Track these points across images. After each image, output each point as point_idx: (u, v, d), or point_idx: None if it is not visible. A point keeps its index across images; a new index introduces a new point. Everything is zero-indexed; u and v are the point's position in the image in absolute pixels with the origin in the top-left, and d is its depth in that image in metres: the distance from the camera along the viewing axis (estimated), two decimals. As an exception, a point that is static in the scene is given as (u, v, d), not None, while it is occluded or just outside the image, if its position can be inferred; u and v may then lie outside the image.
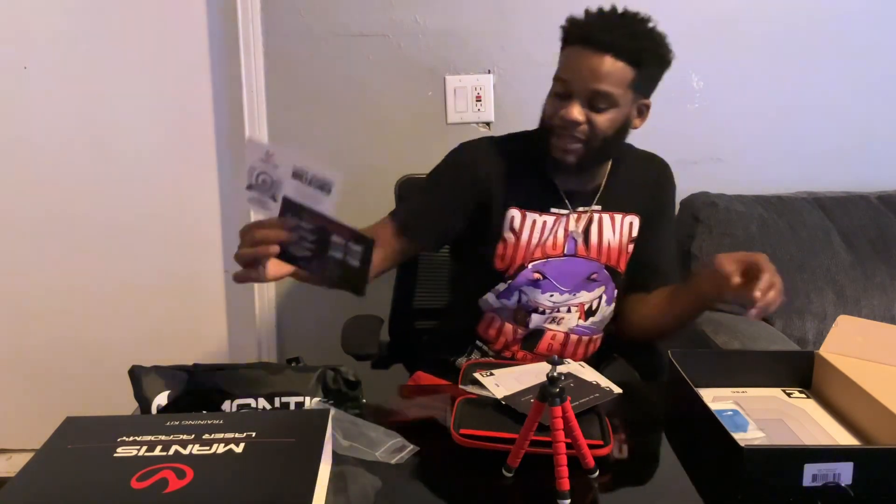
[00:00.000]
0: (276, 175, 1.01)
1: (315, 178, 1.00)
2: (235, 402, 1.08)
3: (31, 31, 2.01)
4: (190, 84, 2.06)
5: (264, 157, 1.01)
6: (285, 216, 1.01)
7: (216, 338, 2.22)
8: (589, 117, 1.29)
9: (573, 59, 1.29)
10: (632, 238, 1.45)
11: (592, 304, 1.44)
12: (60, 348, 2.21)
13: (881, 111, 2.16)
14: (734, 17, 2.06)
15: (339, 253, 1.00)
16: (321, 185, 1.00)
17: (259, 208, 1.03)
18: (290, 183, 1.01)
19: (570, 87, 1.29)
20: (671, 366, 1.08)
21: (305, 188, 1.00)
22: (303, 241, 1.02)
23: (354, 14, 2.01)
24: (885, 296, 1.88)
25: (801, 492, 0.85)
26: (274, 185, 1.01)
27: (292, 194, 1.01)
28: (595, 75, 1.26)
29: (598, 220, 1.42)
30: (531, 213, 1.38)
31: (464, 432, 1.07)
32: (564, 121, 1.29)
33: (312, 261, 1.02)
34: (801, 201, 2.00)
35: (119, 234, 2.14)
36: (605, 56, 1.26)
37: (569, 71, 1.30)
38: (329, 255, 1.01)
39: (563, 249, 1.40)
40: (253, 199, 1.03)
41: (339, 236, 1.00)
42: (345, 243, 1.00)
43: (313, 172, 1.00)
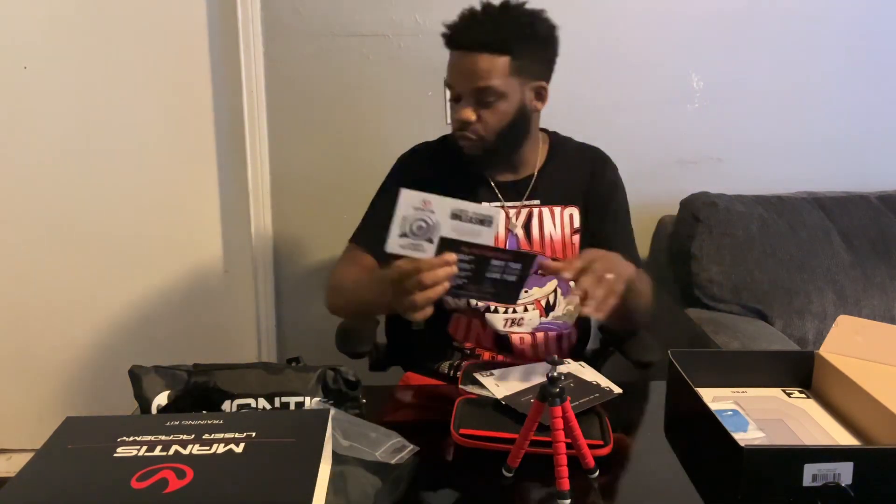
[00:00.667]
0: (434, 219, 1.13)
1: (476, 214, 1.14)
2: (235, 402, 1.07)
3: (31, 31, 2.01)
4: (190, 84, 2.06)
5: (420, 205, 1.13)
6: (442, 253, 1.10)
7: (216, 338, 2.22)
8: (479, 114, 1.35)
9: (452, 64, 1.36)
10: (574, 230, 1.47)
11: (549, 298, 1.46)
12: (60, 349, 2.21)
13: (881, 111, 2.16)
14: (734, 17, 2.06)
15: (498, 273, 1.12)
16: (481, 220, 1.14)
17: (413, 252, 1.13)
18: (447, 223, 1.13)
19: (457, 91, 1.37)
20: (671, 366, 1.08)
21: (465, 226, 1.13)
22: (462, 271, 1.11)
23: (354, 14, 2.01)
24: (885, 296, 1.88)
25: (801, 492, 0.85)
26: (431, 229, 1.13)
27: (450, 233, 1.12)
28: (472, 75, 1.33)
29: (538, 214, 1.46)
30: None
31: (464, 432, 1.07)
32: (459, 123, 1.37)
33: (468, 287, 1.14)
34: (801, 201, 2.00)
35: (119, 233, 2.14)
36: (475, 55, 1.32)
37: (452, 76, 1.37)
38: (487, 277, 1.12)
39: (506, 244, 1.44)
40: (408, 245, 1.13)
41: (498, 260, 1.11)
42: (504, 264, 1.11)
43: (473, 210, 1.13)
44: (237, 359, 1.43)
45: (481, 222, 1.13)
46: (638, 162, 2.12)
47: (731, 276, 1.86)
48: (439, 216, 1.12)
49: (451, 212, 1.13)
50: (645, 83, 2.08)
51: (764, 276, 1.86)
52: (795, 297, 1.85)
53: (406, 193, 1.14)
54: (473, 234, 1.13)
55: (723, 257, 1.86)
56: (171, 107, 2.07)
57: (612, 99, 2.09)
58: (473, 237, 1.12)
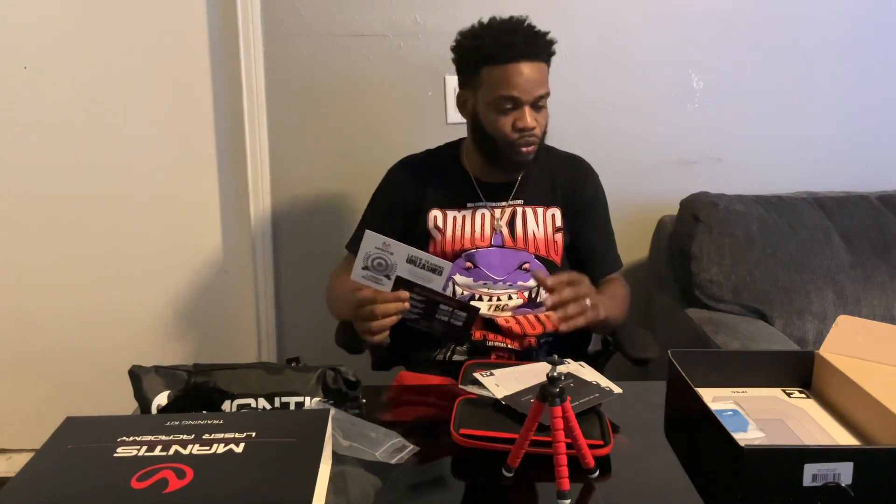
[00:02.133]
0: (392, 260, 1.28)
1: (429, 263, 1.28)
2: (235, 402, 1.08)
3: (31, 31, 2.01)
4: (190, 84, 2.06)
5: (381, 246, 1.28)
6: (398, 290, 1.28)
7: (216, 338, 2.22)
8: (536, 119, 1.47)
9: (512, 76, 1.43)
10: (556, 228, 1.58)
11: (532, 292, 1.56)
12: (60, 348, 2.21)
13: (881, 111, 2.16)
14: (734, 17, 2.06)
15: (446, 317, 1.31)
16: (433, 269, 1.28)
17: (373, 284, 1.30)
18: (403, 266, 1.28)
19: (520, 101, 1.44)
20: (671, 366, 1.08)
21: (419, 271, 1.28)
22: (413, 308, 1.30)
23: (354, 14, 2.01)
24: (885, 296, 1.88)
25: (801, 492, 0.85)
26: (389, 268, 1.28)
27: (406, 275, 1.28)
28: (537, 83, 1.44)
29: (522, 213, 1.57)
30: (451, 211, 1.56)
31: (464, 432, 1.07)
32: (525, 130, 1.45)
33: (420, 322, 1.32)
34: (801, 201, 2.00)
35: (119, 234, 2.14)
36: (536, 63, 1.44)
37: (513, 87, 1.43)
38: (436, 318, 1.32)
39: (491, 241, 1.55)
40: (368, 277, 1.29)
41: (446, 306, 1.30)
42: (451, 311, 1.31)
43: (426, 259, 1.28)
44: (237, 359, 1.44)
45: (433, 270, 1.28)
46: (638, 162, 2.13)
47: (731, 276, 1.86)
48: (397, 258, 1.28)
49: (408, 256, 1.28)
50: (645, 83, 2.08)
51: (764, 276, 1.86)
52: (795, 297, 1.85)
53: (368, 235, 1.28)
54: (426, 279, 1.29)
55: (723, 257, 1.86)
56: (171, 107, 2.07)
57: (612, 99, 2.09)
58: (425, 282, 1.29)
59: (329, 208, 2.12)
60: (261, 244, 2.13)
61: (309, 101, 2.06)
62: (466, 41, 1.49)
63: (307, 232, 2.15)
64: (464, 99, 1.53)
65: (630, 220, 2.14)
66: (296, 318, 2.21)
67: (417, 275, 1.28)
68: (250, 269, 2.15)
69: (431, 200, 1.57)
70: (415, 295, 1.29)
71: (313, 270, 2.10)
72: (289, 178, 2.12)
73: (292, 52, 2.03)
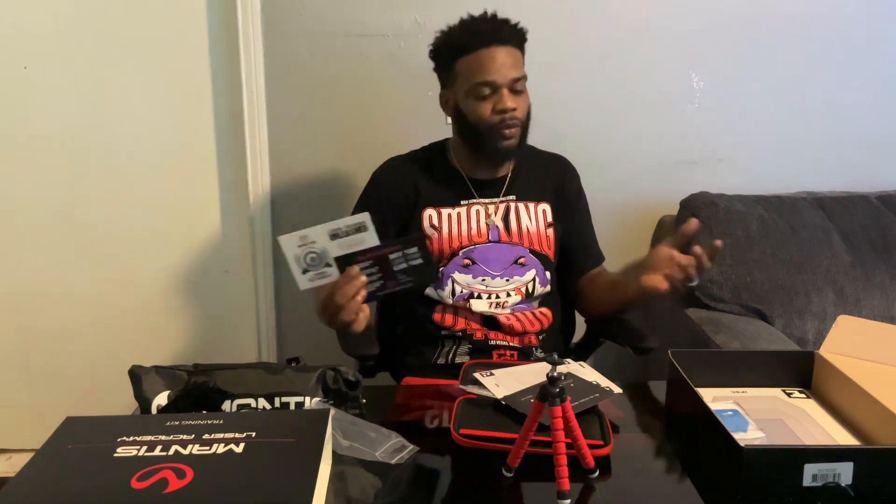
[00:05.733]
0: (319, 248, 1.21)
1: (349, 225, 1.21)
2: (235, 402, 1.07)
3: (31, 31, 2.01)
4: (190, 84, 2.06)
5: (301, 242, 1.21)
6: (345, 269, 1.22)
7: (216, 338, 2.22)
8: (516, 101, 1.48)
9: (486, 61, 1.46)
10: (548, 223, 1.60)
11: (528, 286, 1.57)
12: (60, 348, 2.21)
13: (881, 111, 2.16)
14: (734, 17, 2.06)
15: (403, 263, 1.23)
16: (358, 228, 1.21)
17: (322, 280, 1.23)
18: (331, 245, 1.21)
19: (497, 84, 1.46)
20: (671, 366, 1.08)
21: (347, 239, 1.21)
22: (370, 276, 1.23)
23: (354, 14, 2.01)
24: (885, 296, 1.88)
25: (801, 492, 0.85)
26: (322, 256, 1.22)
27: (340, 251, 1.21)
28: (511, 65, 1.47)
29: (515, 208, 1.59)
30: (444, 209, 1.57)
31: (464, 432, 1.07)
32: (504, 112, 1.46)
33: (386, 285, 1.25)
34: (801, 201, 2.00)
35: (119, 233, 2.14)
36: (509, 48, 1.47)
37: (488, 71, 1.46)
38: (395, 271, 1.23)
39: (488, 237, 1.56)
40: (314, 277, 1.23)
41: (394, 253, 1.22)
42: (401, 253, 1.22)
43: (345, 224, 1.20)
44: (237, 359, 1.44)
45: (358, 230, 1.21)
46: (638, 162, 2.13)
47: (731, 276, 1.86)
48: (322, 243, 1.21)
49: (329, 233, 1.21)
50: (645, 83, 2.08)
51: (764, 276, 1.86)
52: (795, 297, 1.85)
53: (283, 239, 1.22)
54: (357, 242, 1.22)
55: (723, 257, 1.86)
56: (171, 107, 2.07)
57: (612, 99, 2.09)
58: (359, 245, 1.21)
59: (329, 208, 2.11)
60: (261, 244, 2.13)
61: (309, 101, 2.06)
62: (439, 40, 1.54)
63: (307, 232, 2.14)
64: (445, 99, 1.56)
65: (630, 220, 2.14)
66: (296, 318, 2.21)
67: (349, 243, 1.22)
68: (250, 269, 2.15)
69: (424, 199, 1.57)
70: (362, 264, 1.23)
71: (313, 270, 2.10)
72: (289, 178, 2.12)
73: (292, 52, 2.03)
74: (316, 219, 2.10)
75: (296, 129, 2.08)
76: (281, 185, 2.12)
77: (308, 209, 2.13)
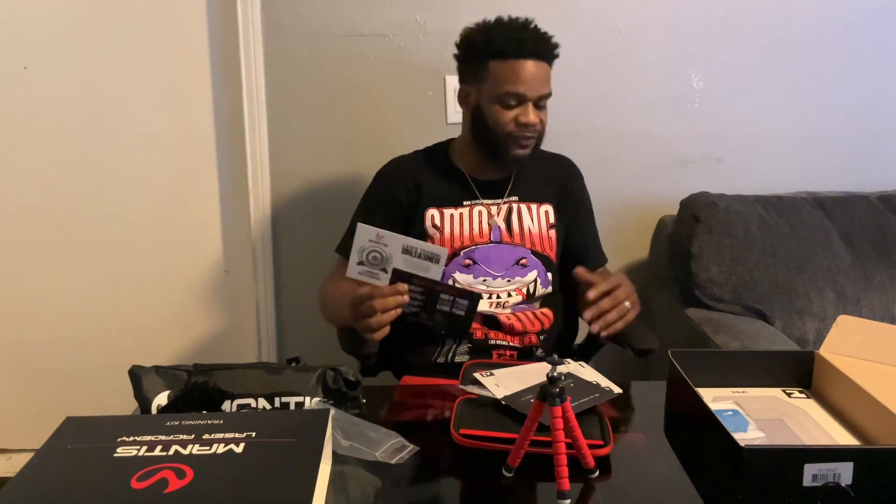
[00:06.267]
0: (387, 252, 1.26)
1: (425, 251, 1.27)
2: (235, 402, 1.08)
3: (31, 31, 2.01)
4: (190, 84, 2.06)
5: (374, 239, 1.26)
6: (396, 283, 1.26)
7: (216, 338, 2.22)
8: (539, 116, 1.49)
9: (518, 71, 1.46)
10: (550, 224, 1.61)
11: (529, 287, 1.58)
12: (60, 348, 2.21)
13: (881, 111, 2.16)
14: (734, 17, 2.06)
15: (447, 307, 1.28)
16: (430, 257, 1.26)
17: (369, 279, 1.28)
18: (399, 257, 1.26)
19: (526, 97, 1.47)
20: (671, 366, 1.08)
21: (415, 261, 1.26)
22: (413, 301, 1.28)
23: (354, 14, 2.01)
24: (885, 296, 1.88)
25: (801, 492, 0.85)
26: (384, 260, 1.26)
27: (402, 266, 1.26)
28: (542, 81, 1.48)
29: (517, 209, 1.60)
30: (447, 209, 1.57)
31: (464, 432, 1.07)
32: (526, 126, 1.48)
33: (420, 315, 1.29)
34: (801, 201, 2.00)
35: (119, 233, 2.14)
36: (541, 62, 1.47)
37: (518, 83, 1.46)
38: (438, 309, 1.28)
39: (490, 237, 1.57)
40: (364, 273, 1.27)
41: (447, 294, 1.28)
42: (452, 299, 1.28)
43: (422, 248, 1.27)
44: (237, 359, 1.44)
45: (429, 259, 1.26)
46: (638, 162, 2.13)
47: (731, 276, 1.86)
48: (392, 250, 1.26)
49: (403, 247, 1.26)
50: (645, 83, 2.08)
51: (764, 276, 1.86)
52: (795, 297, 1.85)
53: (361, 228, 1.27)
54: (423, 269, 1.26)
55: (723, 257, 1.86)
56: (171, 107, 2.07)
57: (612, 99, 2.09)
58: (423, 272, 1.26)
59: (329, 208, 2.11)
60: (261, 244, 2.13)
61: (309, 101, 2.06)
62: (474, 35, 1.51)
63: (307, 232, 2.15)
64: (466, 93, 1.55)
65: (630, 220, 2.14)
66: (296, 318, 2.21)
67: (414, 265, 1.26)
68: (250, 270, 2.15)
69: (427, 199, 1.58)
70: (413, 286, 1.27)
71: (313, 270, 2.10)
72: (289, 178, 2.12)
73: (292, 52, 2.03)
74: (316, 219, 2.12)
75: (296, 129, 2.08)
76: (281, 185, 2.12)
77: (308, 209, 2.13)
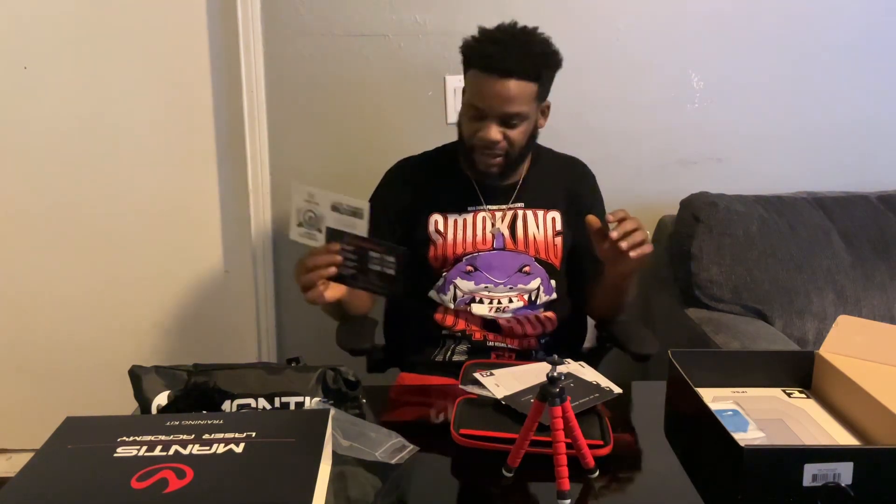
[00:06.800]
0: (319, 211, 1.24)
1: (349, 207, 1.23)
2: (235, 402, 1.08)
3: (31, 31, 2.01)
4: (190, 84, 2.05)
5: (308, 198, 1.24)
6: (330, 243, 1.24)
7: (216, 338, 2.22)
8: (505, 134, 1.43)
9: (482, 86, 1.40)
10: (556, 232, 1.58)
11: (532, 294, 1.56)
12: (60, 348, 2.21)
13: (881, 111, 2.16)
14: (734, 17, 2.05)
15: (377, 266, 1.24)
16: (354, 213, 1.23)
17: (308, 241, 1.26)
18: (330, 215, 1.24)
19: (484, 112, 1.41)
20: (671, 366, 1.08)
21: (343, 217, 1.23)
22: (347, 261, 1.25)
23: (354, 14, 2.01)
24: (885, 296, 1.88)
25: (801, 492, 0.85)
26: (318, 219, 1.24)
27: (333, 224, 1.24)
28: (505, 100, 1.39)
29: (523, 216, 1.57)
30: (451, 215, 1.55)
31: (464, 432, 1.07)
32: (484, 142, 1.43)
33: (357, 277, 1.26)
34: (801, 201, 2.00)
35: (119, 233, 2.14)
36: (509, 80, 1.38)
37: (479, 98, 1.41)
38: (369, 268, 1.25)
39: (493, 244, 1.55)
40: (304, 234, 1.26)
41: (375, 252, 1.24)
42: (380, 256, 1.24)
43: (347, 203, 1.23)
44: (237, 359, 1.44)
45: (353, 214, 1.24)
46: (638, 162, 2.13)
47: (731, 276, 1.86)
48: (323, 208, 1.24)
49: (331, 204, 1.24)
50: (645, 83, 2.08)
51: (764, 276, 1.86)
52: (795, 297, 1.85)
53: (295, 186, 1.25)
54: (350, 225, 1.24)
55: (723, 257, 1.86)
56: (172, 107, 2.07)
57: (612, 99, 2.09)
58: (351, 228, 1.24)
59: (329, 208, 2.12)
60: (261, 244, 2.13)
61: (309, 101, 2.06)
62: (468, 40, 1.49)
63: (307, 232, 2.14)
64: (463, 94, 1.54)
65: (630, 220, 2.13)
66: (296, 318, 2.21)
67: (342, 222, 1.24)
68: (250, 270, 2.15)
69: (432, 204, 1.57)
70: (345, 245, 1.24)
71: (313, 270, 2.10)
72: (289, 178, 2.11)
73: (292, 52, 2.03)
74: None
75: (296, 128, 2.08)
76: (281, 185, 2.12)
77: (308, 209, 2.13)
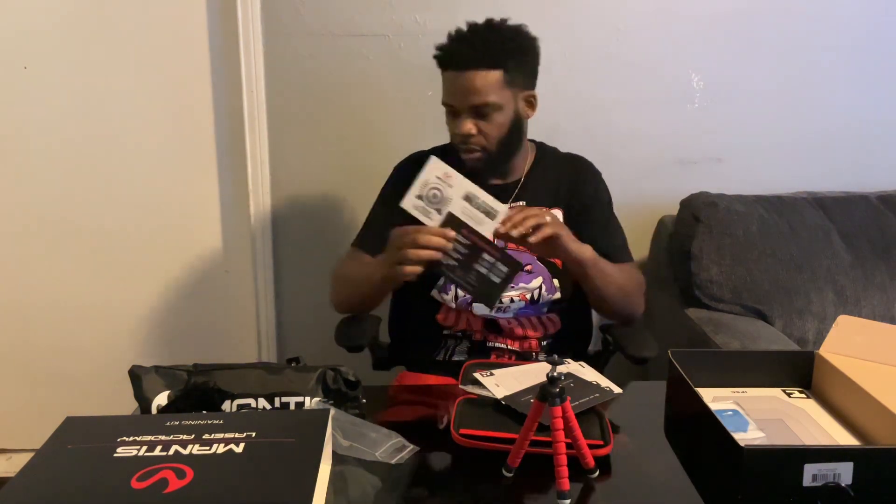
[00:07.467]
0: (449, 193, 1.22)
1: (485, 204, 1.22)
2: (235, 402, 1.08)
3: (31, 31, 2.01)
4: (190, 84, 2.06)
5: (442, 176, 1.22)
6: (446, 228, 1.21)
7: (216, 338, 2.22)
8: (479, 127, 1.45)
9: (448, 84, 1.45)
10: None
11: (534, 293, 1.54)
12: (60, 348, 2.21)
13: (881, 111, 2.16)
14: (734, 17, 2.05)
15: (485, 269, 1.23)
16: (487, 212, 1.22)
17: (420, 215, 1.23)
18: (458, 202, 1.22)
19: (456, 109, 1.45)
20: (671, 366, 1.08)
21: (473, 210, 1.22)
22: (455, 251, 1.22)
23: (354, 14, 2.01)
24: (885, 296, 1.88)
25: (801, 492, 0.85)
26: (443, 201, 1.22)
27: (458, 213, 1.22)
28: (469, 92, 1.42)
29: None
30: None
31: (464, 432, 1.07)
32: (460, 136, 1.46)
33: (456, 270, 1.24)
34: (801, 201, 2.00)
35: (119, 233, 2.14)
36: (470, 72, 1.41)
37: (448, 95, 1.46)
38: (474, 268, 1.23)
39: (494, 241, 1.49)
40: (419, 207, 1.23)
41: (490, 255, 1.22)
42: (494, 262, 1.22)
43: (484, 199, 1.22)
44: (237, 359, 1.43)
45: (487, 213, 1.21)
46: (638, 162, 2.13)
47: (731, 276, 1.86)
48: (454, 192, 1.21)
49: (466, 193, 1.21)
50: (645, 83, 2.08)
51: (764, 276, 1.86)
52: (795, 297, 1.85)
53: (433, 161, 1.22)
54: (477, 221, 1.21)
55: (723, 257, 1.86)
56: (171, 107, 2.07)
57: (612, 99, 2.08)
58: (476, 224, 1.21)
59: (329, 208, 2.12)
60: (261, 244, 2.13)
61: (309, 101, 2.06)
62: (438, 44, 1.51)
63: (307, 232, 2.15)
64: None
65: (630, 220, 2.11)
66: (296, 318, 2.21)
67: (470, 214, 1.21)
68: (250, 269, 2.15)
69: None
70: (460, 237, 1.22)
71: (313, 270, 2.10)
72: (289, 178, 2.12)
73: (292, 52, 2.03)
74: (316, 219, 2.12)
75: (296, 128, 2.08)
76: (281, 185, 2.12)
77: (308, 209, 2.13)
